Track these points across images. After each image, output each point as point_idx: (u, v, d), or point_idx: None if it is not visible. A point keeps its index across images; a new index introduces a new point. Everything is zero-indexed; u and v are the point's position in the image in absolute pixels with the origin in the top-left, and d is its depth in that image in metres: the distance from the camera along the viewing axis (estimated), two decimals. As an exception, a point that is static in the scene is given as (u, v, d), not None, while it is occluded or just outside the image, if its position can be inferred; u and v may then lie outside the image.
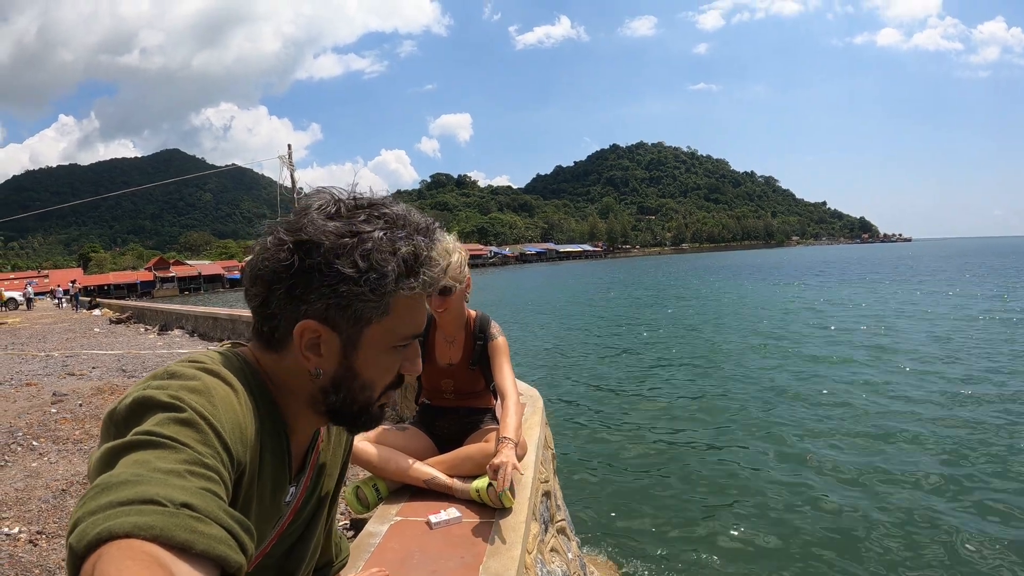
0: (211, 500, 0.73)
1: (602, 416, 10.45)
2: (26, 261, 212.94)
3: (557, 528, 3.68)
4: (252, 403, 0.97)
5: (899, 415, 9.34)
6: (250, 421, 0.94)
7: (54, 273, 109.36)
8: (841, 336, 17.56)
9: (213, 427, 0.84)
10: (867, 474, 7.10)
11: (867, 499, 6.50)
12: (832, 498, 6.53)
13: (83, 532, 0.65)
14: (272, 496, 1.04)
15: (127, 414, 0.83)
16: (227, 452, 0.84)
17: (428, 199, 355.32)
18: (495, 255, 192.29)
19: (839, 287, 38.39)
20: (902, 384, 11.28)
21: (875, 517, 6.08)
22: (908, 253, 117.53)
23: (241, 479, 0.91)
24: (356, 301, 0.97)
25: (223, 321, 17.25)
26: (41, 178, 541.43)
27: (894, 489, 6.72)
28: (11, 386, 10.23)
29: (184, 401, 0.83)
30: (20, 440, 6.55)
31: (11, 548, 4.01)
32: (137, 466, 0.72)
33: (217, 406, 0.87)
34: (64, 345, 17.43)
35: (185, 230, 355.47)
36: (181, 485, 0.72)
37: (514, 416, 2.93)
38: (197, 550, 0.67)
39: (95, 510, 0.67)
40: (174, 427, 0.79)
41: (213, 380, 0.92)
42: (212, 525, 0.70)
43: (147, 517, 0.66)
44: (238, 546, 0.72)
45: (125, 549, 0.63)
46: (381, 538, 2.59)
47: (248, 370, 1.03)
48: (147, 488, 0.69)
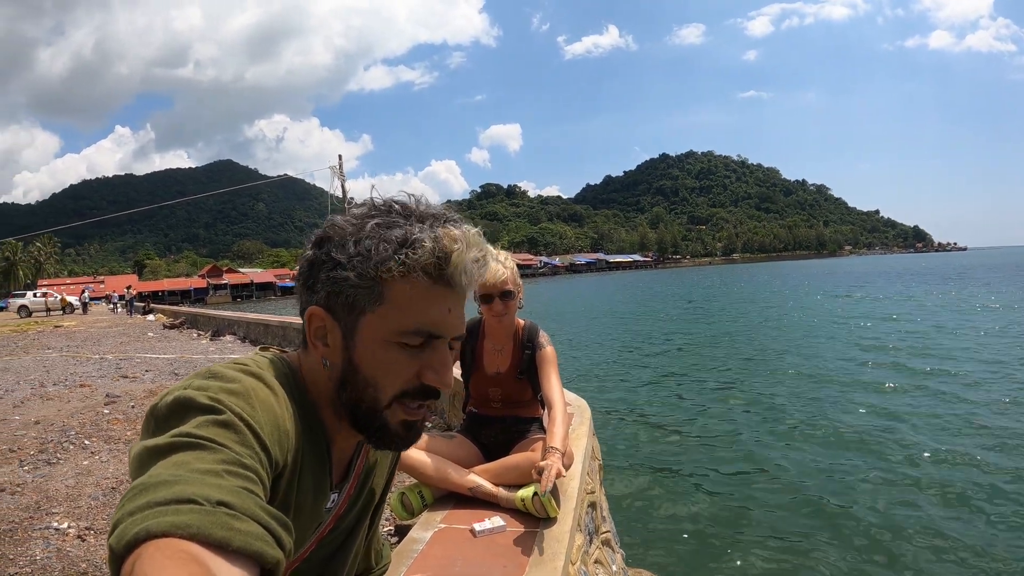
0: (248, 498, 0.73)
1: (653, 427, 10.25)
2: (82, 267, 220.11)
3: (602, 539, 3.63)
4: (292, 407, 0.97)
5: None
6: (290, 423, 0.94)
7: (110, 279, 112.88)
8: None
9: (251, 428, 0.83)
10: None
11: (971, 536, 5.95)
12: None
13: (122, 533, 0.65)
14: (313, 501, 1.03)
15: (167, 412, 0.84)
16: (265, 452, 0.84)
17: (478, 209, 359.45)
18: (545, 265, 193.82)
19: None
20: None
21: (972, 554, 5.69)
22: (966, 263, 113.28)
23: (279, 479, 0.91)
24: (347, 286, 0.97)
25: (274, 328, 17.55)
26: (98, 187, 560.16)
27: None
28: (65, 387, 10.53)
29: (223, 403, 0.83)
30: (72, 439, 6.73)
31: (60, 542, 4.11)
32: (175, 467, 0.73)
33: (256, 408, 0.87)
34: (118, 348, 17.89)
35: (238, 239, 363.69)
36: (218, 484, 0.71)
37: (561, 426, 2.90)
38: (234, 547, 0.66)
39: (133, 511, 0.67)
40: (213, 429, 0.80)
41: (253, 382, 0.92)
42: (248, 522, 0.70)
43: (184, 516, 0.66)
44: (275, 541, 0.72)
45: (163, 548, 0.63)
46: (424, 545, 2.58)
47: (291, 374, 1.03)
48: (184, 488, 0.69)
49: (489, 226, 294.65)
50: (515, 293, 3.18)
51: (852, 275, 76.87)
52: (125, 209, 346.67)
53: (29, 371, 13.09)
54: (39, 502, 4.86)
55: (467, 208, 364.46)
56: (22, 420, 7.82)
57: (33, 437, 6.88)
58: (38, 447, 6.46)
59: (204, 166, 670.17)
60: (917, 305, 31.08)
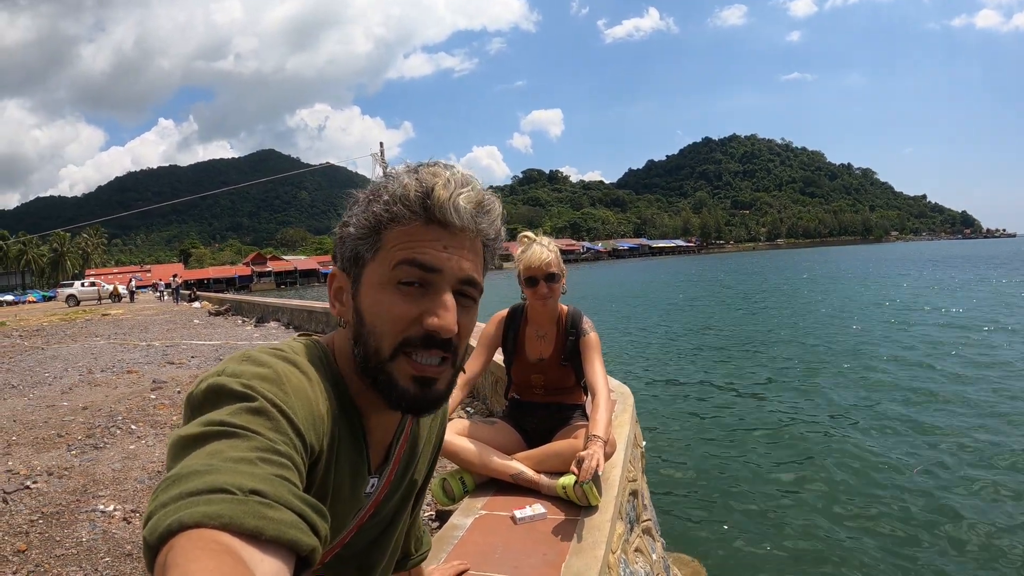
0: (281, 485, 0.72)
1: (697, 416, 10.09)
2: (129, 257, 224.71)
3: (643, 528, 3.60)
4: (327, 390, 0.97)
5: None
6: (324, 408, 0.94)
7: (156, 268, 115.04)
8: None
9: (285, 414, 0.83)
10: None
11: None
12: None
13: (155, 524, 0.65)
14: (351, 486, 1.03)
15: (201, 399, 0.83)
16: (300, 438, 0.83)
17: (520, 195, 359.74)
18: (587, 251, 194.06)
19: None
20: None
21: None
22: (1013, 249, 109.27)
23: (316, 465, 0.90)
24: (350, 240, 1.02)
25: (318, 314, 17.74)
26: (143, 179, 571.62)
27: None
28: (113, 373, 10.76)
29: (256, 389, 0.83)
30: (120, 424, 6.87)
31: (106, 524, 4.21)
32: (208, 456, 0.72)
33: (289, 393, 0.87)
34: (165, 335, 18.25)
35: (281, 227, 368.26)
36: (251, 472, 0.71)
37: (604, 413, 2.87)
38: (267, 536, 0.66)
39: (166, 502, 0.67)
40: (246, 416, 0.79)
41: (286, 367, 0.92)
42: (282, 510, 0.69)
43: (216, 506, 0.65)
44: (310, 529, 0.71)
45: (195, 539, 0.62)
46: (465, 531, 2.58)
47: (324, 357, 1.03)
48: (216, 477, 0.69)
49: (531, 211, 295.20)
50: (559, 276, 3.16)
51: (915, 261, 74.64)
52: (170, 200, 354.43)
53: (77, 358, 13.40)
54: (86, 485, 4.96)
55: (509, 193, 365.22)
56: (70, 406, 8.01)
57: (81, 422, 7.04)
58: (85, 432, 6.61)
59: (247, 156, 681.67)
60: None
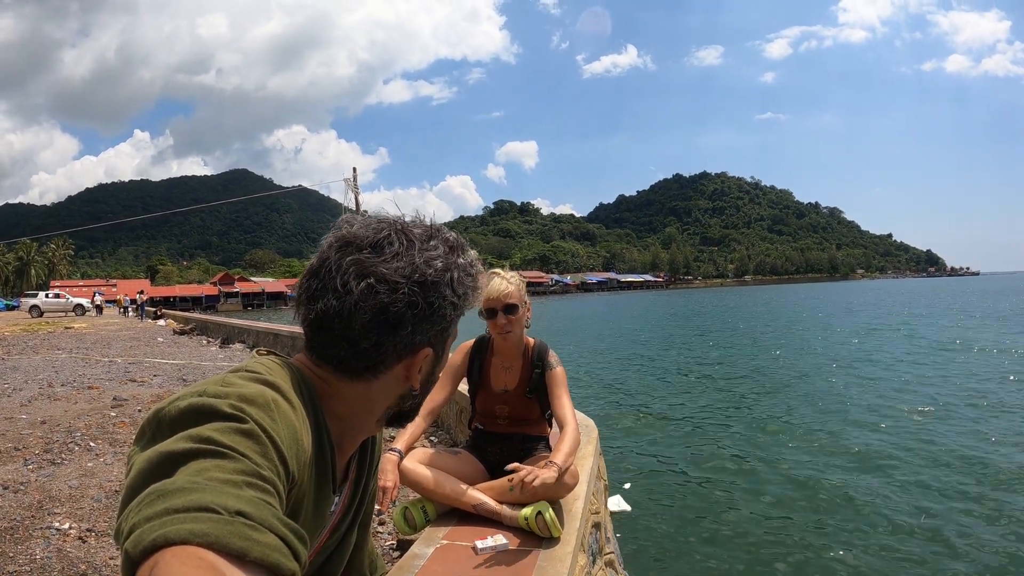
0: (265, 509, 0.73)
1: (659, 449, 10.23)
2: (95, 270, 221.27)
3: (605, 560, 3.61)
4: (307, 418, 0.99)
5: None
6: (306, 437, 0.95)
7: (122, 283, 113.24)
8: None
9: (272, 440, 0.84)
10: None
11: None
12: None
13: (139, 538, 0.65)
14: (315, 507, 1.04)
15: (179, 417, 0.83)
16: (283, 465, 0.85)
17: (491, 225, 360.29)
18: (556, 283, 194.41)
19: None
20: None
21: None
22: (980, 287, 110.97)
23: (292, 491, 0.91)
24: (452, 324, 1.13)
25: (284, 338, 17.60)
26: (114, 191, 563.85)
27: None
28: (73, 387, 10.58)
29: (246, 412, 0.84)
30: (78, 440, 6.74)
31: (60, 543, 4.12)
32: (195, 474, 0.73)
33: (277, 421, 0.88)
34: (128, 352, 17.95)
35: (251, 248, 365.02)
36: (236, 494, 0.72)
37: (568, 444, 2.88)
38: (251, 557, 0.67)
39: (151, 516, 0.67)
40: (235, 437, 0.80)
41: (274, 394, 0.93)
42: (266, 533, 0.71)
43: (203, 524, 0.66)
44: (291, 554, 0.73)
45: (181, 555, 0.64)
46: (426, 560, 2.57)
47: (303, 383, 1.03)
48: (203, 496, 0.70)
49: (501, 243, 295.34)
50: (519, 306, 3.17)
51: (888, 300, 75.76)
52: (140, 214, 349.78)
53: (38, 371, 13.18)
54: (41, 501, 4.87)
55: (480, 224, 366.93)
56: (29, 419, 7.85)
57: (39, 436, 6.90)
58: (43, 446, 6.48)
59: (220, 174, 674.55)
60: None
